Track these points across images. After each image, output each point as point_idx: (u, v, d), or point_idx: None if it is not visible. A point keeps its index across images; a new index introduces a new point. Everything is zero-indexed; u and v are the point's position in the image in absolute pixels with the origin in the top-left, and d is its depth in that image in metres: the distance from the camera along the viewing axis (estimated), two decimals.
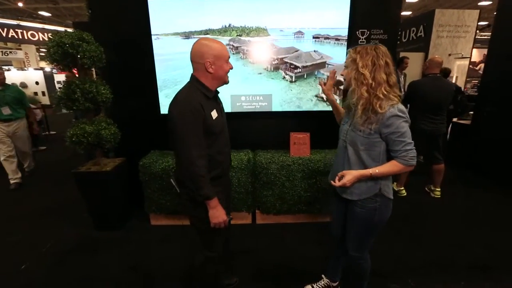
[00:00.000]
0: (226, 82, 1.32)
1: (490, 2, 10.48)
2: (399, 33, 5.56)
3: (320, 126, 2.61)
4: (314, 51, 2.50)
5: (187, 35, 2.42)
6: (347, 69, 1.27)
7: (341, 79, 1.40)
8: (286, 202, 2.52)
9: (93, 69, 2.58)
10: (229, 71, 1.30)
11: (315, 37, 2.44)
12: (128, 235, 2.48)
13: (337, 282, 1.78)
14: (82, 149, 2.20)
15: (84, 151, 2.23)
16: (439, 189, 3.13)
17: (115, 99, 2.37)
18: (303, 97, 2.59)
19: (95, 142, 2.19)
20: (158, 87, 2.50)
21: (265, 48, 2.48)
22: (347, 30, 2.42)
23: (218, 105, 1.37)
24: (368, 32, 2.55)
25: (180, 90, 1.26)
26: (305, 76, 2.56)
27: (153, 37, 2.38)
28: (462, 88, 4.83)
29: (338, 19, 2.40)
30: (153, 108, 2.55)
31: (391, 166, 1.22)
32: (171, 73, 2.50)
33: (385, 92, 1.18)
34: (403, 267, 2.03)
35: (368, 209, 1.29)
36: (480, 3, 12.14)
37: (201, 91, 1.24)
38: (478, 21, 5.18)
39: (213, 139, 1.28)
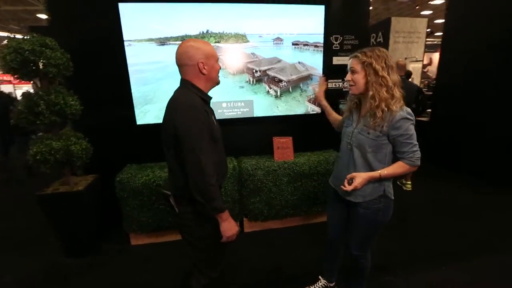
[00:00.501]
0: (218, 83, 1.26)
1: (443, 1, 11.77)
2: None
3: (301, 129, 2.66)
4: (299, 62, 2.54)
5: (162, 41, 2.30)
6: (357, 74, 1.25)
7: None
8: (274, 207, 2.50)
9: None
10: (219, 70, 1.24)
11: (294, 44, 2.49)
12: (105, 259, 2.25)
13: (334, 283, 1.80)
14: (48, 168, 1.96)
15: (50, 171, 1.98)
16: (410, 182, 3.37)
17: (82, 110, 2.16)
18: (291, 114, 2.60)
19: (64, 159, 1.97)
20: (132, 97, 2.34)
21: (246, 58, 2.44)
22: (322, 36, 2.51)
23: (213, 111, 1.31)
24: (341, 37, 2.67)
25: (176, 96, 1.16)
26: (290, 90, 2.59)
27: (125, 43, 2.23)
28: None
29: (314, 26, 2.48)
30: (127, 119, 2.37)
31: (398, 167, 1.25)
32: (141, 88, 2.33)
33: (398, 92, 1.22)
34: (393, 259, 2.13)
35: (372, 210, 1.32)
36: (423, 12, 13.57)
37: (198, 95, 1.16)
38: (427, 28, 5.76)
39: (215, 146, 1.22)
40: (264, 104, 2.54)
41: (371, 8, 12.47)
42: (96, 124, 2.39)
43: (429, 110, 4.35)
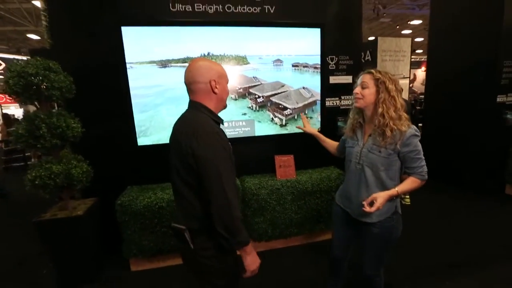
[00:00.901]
0: (225, 106, 1.20)
1: (420, 22, 12.58)
2: None
3: (301, 146, 2.69)
4: (303, 88, 2.59)
5: (163, 64, 2.33)
6: (367, 89, 1.29)
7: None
8: (278, 226, 2.47)
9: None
10: (228, 94, 1.19)
11: (294, 66, 2.57)
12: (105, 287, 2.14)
13: None
14: (47, 193, 1.89)
15: (49, 195, 1.91)
16: (408, 197, 3.42)
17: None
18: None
19: (64, 183, 1.90)
20: (134, 117, 2.32)
21: (248, 82, 2.47)
22: (319, 56, 2.61)
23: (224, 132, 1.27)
24: (337, 58, 2.78)
25: (189, 118, 1.08)
26: (295, 118, 2.63)
27: (127, 66, 2.24)
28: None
29: (311, 47, 2.58)
30: (128, 140, 2.34)
31: (412, 183, 1.29)
32: (138, 116, 2.31)
33: (405, 114, 1.28)
34: (398, 275, 2.12)
35: (387, 228, 1.33)
36: (403, 31, 14.39)
37: (211, 117, 1.09)
38: (412, 48, 6.08)
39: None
40: (270, 133, 2.57)
41: None
42: (95, 146, 2.34)
43: (420, 124, 4.51)
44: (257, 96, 2.50)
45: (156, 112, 2.33)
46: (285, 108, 2.56)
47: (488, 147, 3.59)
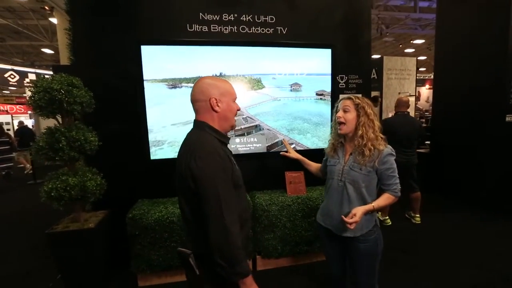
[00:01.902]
0: (234, 126, 1.15)
1: (423, 41, 12.86)
2: None
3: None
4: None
5: (174, 84, 2.36)
6: (349, 113, 1.40)
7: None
8: (288, 243, 2.44)
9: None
10: (236, 113, 1.14)
11: (319, 94, 2.66)
12: None
13: None
14: (61, 205, 1.91)
15: (63, 208, 1.93)
16: (418, 215, 3.37)
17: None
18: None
19: (78, 196, 1.93)
20: (148, 131, 2.37)
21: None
22: (330, 75, 2.68)
23: (231, 152, 1.23)
24: (346, 77, 2.85)
25: (191, 138, 1.05)
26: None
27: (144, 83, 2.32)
28: None
29: (322, 66, 2.65)
30: (140, 154, 2.37)
31: (387, 199, 1.39)
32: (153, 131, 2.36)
33: (381, 135, 1.40)
34: None
35: (371, 242, 1.40)
36: (406, 50, 14.64)
37: (216, 137, 1.05)
38: (416, 66, 6.20)
39: (238, 194, 1.07)
40: None
41: None
42: (108, 158, 2.38)
43: (428, 142, 4.51)
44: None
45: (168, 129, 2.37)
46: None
47: (498, 167, 3.56)
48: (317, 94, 2.68)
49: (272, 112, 2.62)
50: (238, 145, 2.54)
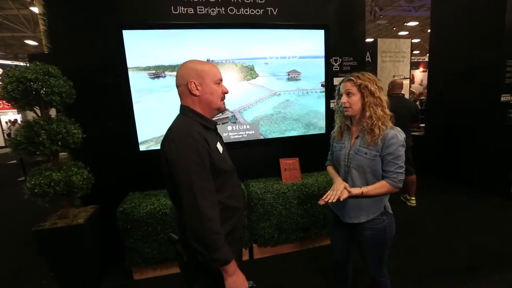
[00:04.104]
0: (221, 109, 1.09)
1: (417, 23, 12.71)
2: None
3: (306, 149, 2.64)
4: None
5: (156, 75, 2.23)
6: (353, 96, 1.31)
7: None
8: (284, 231, 2.42)
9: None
10: (224, 96, 1.08)
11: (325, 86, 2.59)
12: None
13: None
14: (46, 201, 1.83)
15: (48, 204, 1.85)
16: (414, 198, 3.37)
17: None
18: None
19: (64, 191, 1.84)
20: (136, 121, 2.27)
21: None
22: (323, 58, 2.58)
23: (221, 138, 1.18)
24: (340, 59, 2.75)
25: (173, 123, 1.05)
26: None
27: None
28: None
29: (315, 49, 2.55)
30: (129, 145, 2.28)
31: (381, 187, 1.30)
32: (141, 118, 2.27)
33: (388, 112, 1.30)
34: (407, 281, 2.06)
35: (379, 230, 1.35)
36: (400, 33, 14.47)
37: (198, 121, 1.03)
38: (411, 49, 6.09)
39: (223, 180, 1.04)
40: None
41: None
42: (96, 151, 2.29)
43: (422, 124, 4.48)
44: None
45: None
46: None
47: (492, 147, 3.56)
48: (322, 86, 2.58)
49: (274, 117, 2.53)
50: (230, 133, 2.46)
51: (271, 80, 2.49)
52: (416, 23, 13.00)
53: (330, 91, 2.67)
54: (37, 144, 1.73)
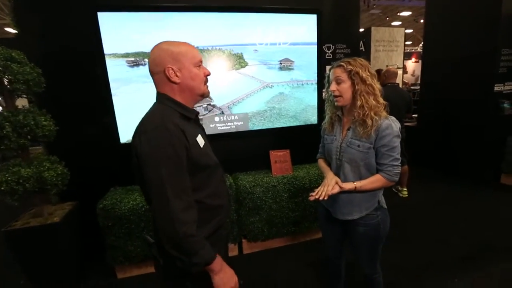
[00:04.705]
0: (205, 95, 0.97)
1: (410, 13, 12.62)
2: None
3: (297, 141, 2.55)
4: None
5: (135, 62, 2.05)
6: (343, 84, 1.20)
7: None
8: (275, 225, 2.34)
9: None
10: (206, 79, 0.96)
11: None
12: None
13: None
14: (15, 199, 1.68)
15: (18, 202, 1.70)
16: (405, 189, 3.34)
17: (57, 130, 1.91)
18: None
19: (35, 188, 1.70)
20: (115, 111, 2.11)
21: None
22: (316, 45, 2.45)
23: (203, 130, 1.06)
24: (333, 46, 2.63)
25: (147, 112, 0.92)
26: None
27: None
28: None
29: (308, 35, 2.41)
30: (110, 137, 2.13)
31: (376, 181, 1.21)
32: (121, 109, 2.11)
33: (382, 100, 1.20)
34: (402, 273, 2.03)
35: (372, 226, 1.28)
36: (393, 23, 14.34)
37: (177, 110, 0.90)
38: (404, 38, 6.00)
39: (205, 177, 0.93)
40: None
41: None
42: (73, 145, 2.14)
43: (415, 115, 4.43)
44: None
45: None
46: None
47: (485, 137, 3.54)
48: None
49: (268, 113, 2.39)
50: (218, 124, 2.33)
51: (262, 70, 2.35)
52: (409, 13, 12.90)
53: (322, 80, 2.56)
54: (1, 138, 1.57)
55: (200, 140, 0.94)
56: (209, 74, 0.97)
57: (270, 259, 2.29)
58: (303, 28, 2.39)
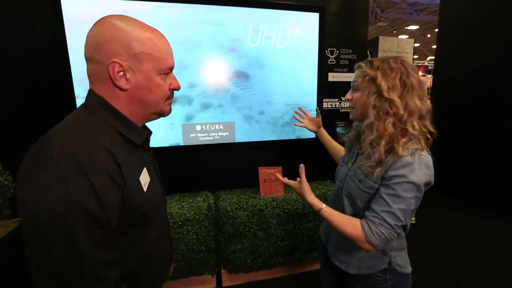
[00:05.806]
0: (164, 114, 0.67)
1: (417, 27, 12.46)
2: None
3: (291, 157, 2.20)
4: None
5: None
6: (358, 92, 0.90)
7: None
8: (260, 256, 1.99)
9: None
10: (172, 93, 0.65)
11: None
12: None
13: None
14: None
15: None
16: (413, 214, 2.98)
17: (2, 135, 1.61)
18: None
19: None
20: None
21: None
22: (317, 49, 2.15)
23: (152, 158, 0.74)
24: (337, 51, 2.32)
25: (61, 123, 0.59)
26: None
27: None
28: None
29: (309, 37, 2.11)
30: None
31: (345, 223, 0.85)
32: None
33: (417, 127, 0.81)
34: None
35: None
36: (400, 36, 14.17)
37: (115, 128, 0.59)
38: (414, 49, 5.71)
39: (141, 231, 0.63)
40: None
41: None
42: (23, 152, 1.82)
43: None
44: None
45: None
46: None
47: (502, 158, 3.20)
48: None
49: (258, 124, 2.10)
50: (199, 133, 2.01)
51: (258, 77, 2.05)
52: (417, 27, 12.74)
53: (323, 89, 2.25)
54: None
55: (144, 178, 0.62)
56: (177, 89, 0.66)
57: None
58: (305, 28, 2.09)
